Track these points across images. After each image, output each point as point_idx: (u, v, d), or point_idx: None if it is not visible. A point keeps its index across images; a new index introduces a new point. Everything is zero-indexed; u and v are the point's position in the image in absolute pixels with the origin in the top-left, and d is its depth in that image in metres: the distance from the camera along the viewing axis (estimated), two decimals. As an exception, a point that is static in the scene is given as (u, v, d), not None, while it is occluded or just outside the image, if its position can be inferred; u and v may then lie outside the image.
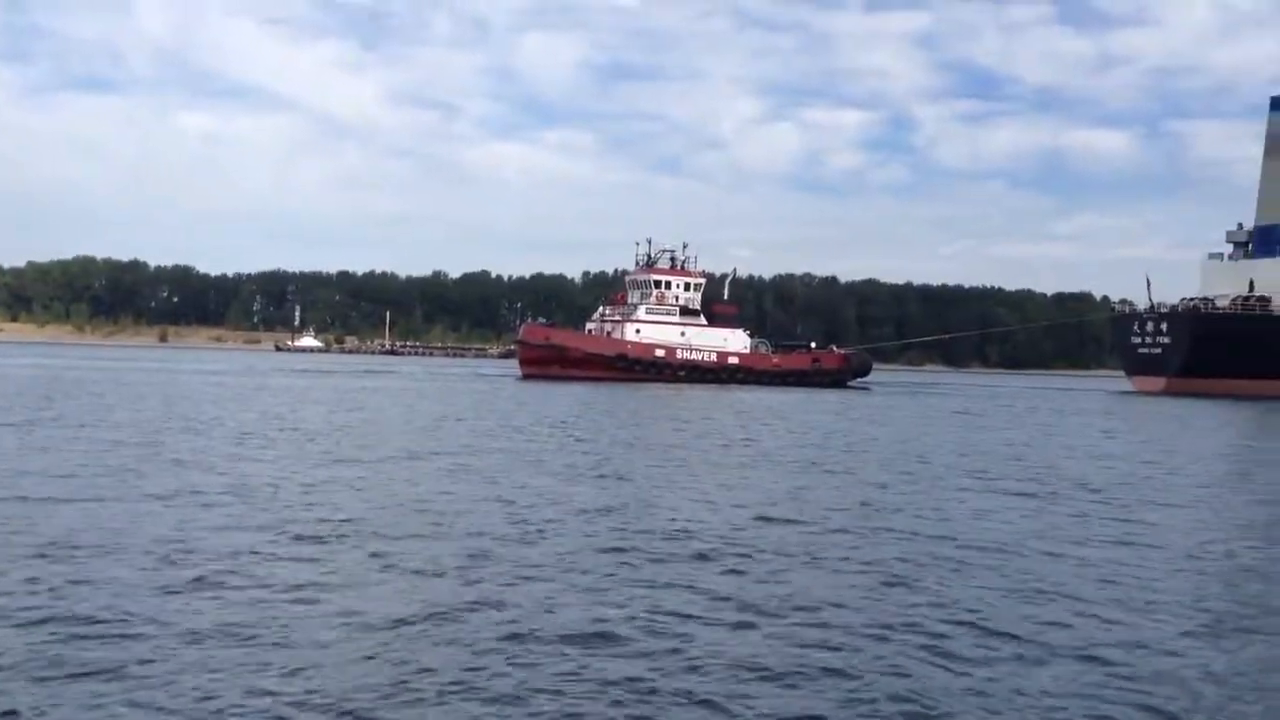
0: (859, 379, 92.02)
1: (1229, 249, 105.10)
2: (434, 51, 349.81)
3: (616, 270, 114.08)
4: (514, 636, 10.80)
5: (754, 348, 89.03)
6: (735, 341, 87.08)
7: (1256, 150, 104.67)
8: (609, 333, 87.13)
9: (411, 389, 65.25)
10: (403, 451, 27.48)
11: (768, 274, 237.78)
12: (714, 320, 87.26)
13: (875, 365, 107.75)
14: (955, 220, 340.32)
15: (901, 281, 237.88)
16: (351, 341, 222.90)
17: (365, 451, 27.13)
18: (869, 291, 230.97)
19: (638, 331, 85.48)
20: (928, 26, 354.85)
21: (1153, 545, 17.52)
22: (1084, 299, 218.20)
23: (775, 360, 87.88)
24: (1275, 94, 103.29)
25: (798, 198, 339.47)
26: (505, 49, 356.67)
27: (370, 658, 10.02)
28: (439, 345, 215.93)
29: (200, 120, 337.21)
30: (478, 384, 75.28)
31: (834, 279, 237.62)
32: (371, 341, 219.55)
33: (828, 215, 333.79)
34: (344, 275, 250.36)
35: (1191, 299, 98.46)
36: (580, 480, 23.01)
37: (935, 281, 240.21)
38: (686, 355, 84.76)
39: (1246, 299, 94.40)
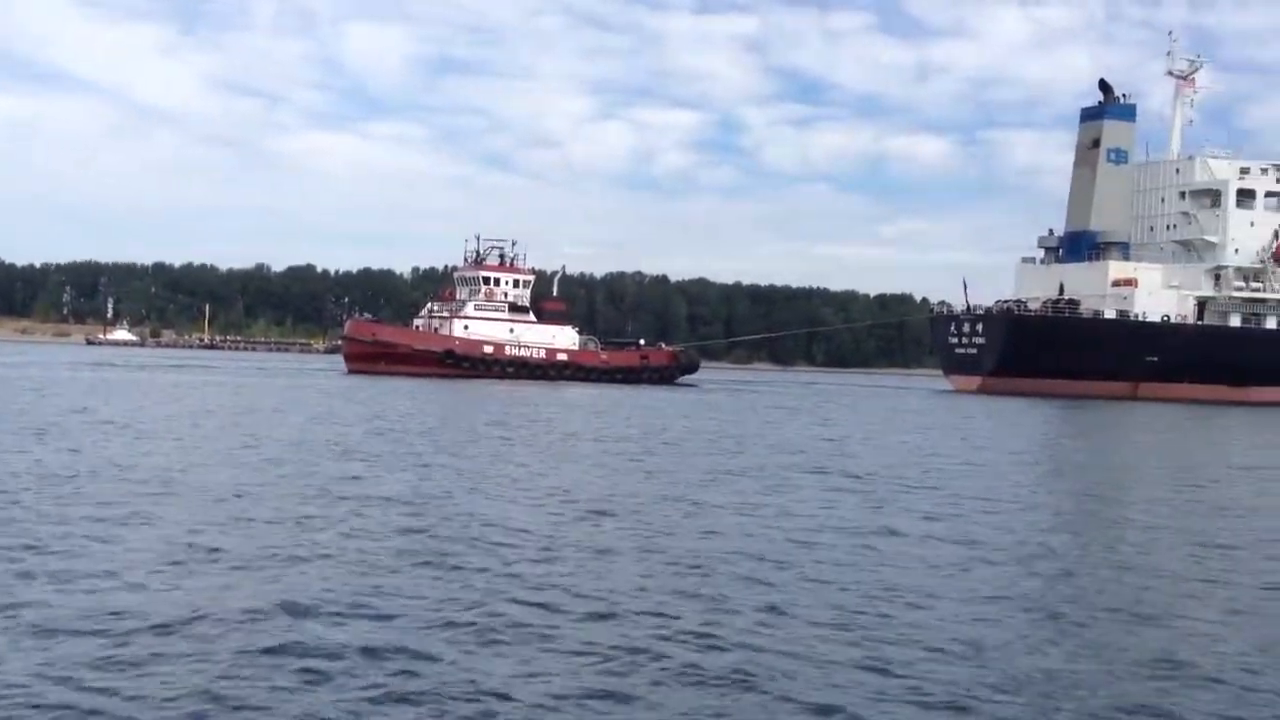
0: (687, 376, 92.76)
1: (1041, 254, 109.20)
2: (256, 38, 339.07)
3: (446, 266, 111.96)
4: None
5: (583, 345, 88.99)
6: (564, 339, 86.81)
7: (1067, 159, 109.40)
8: (437, 329, 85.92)
9: (227, 384, 62.81)
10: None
11: (599, 272, 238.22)
12: (543, 317, 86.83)
13: (704, 363, 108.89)
14: (783, 221, 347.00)
15: (731, 280, 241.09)
16: (168, 335, 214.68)
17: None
18: (699, 290, 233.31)
19: (466, 328, 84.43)
20: (755, 31, 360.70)
21: (948, 539, 17.71)
22: (905, 300, 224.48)
23: (604, 357, 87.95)
24: (1085, 106, 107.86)
25: (629, 196, 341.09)
26: (331, 38, 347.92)
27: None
28: (262, 340, 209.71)
29: (5, 104, 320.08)
30: (300, 379, 73.06)
31: (665, 277, 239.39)
32: (190, 335, 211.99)
33: (659, 214, 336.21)
34: (160, 266, 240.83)
35: (1005, 301, 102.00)
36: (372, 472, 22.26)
37: (764, 281, 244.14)
38: (515, 352, 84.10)
39: (1056, 301, 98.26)
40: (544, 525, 17.58)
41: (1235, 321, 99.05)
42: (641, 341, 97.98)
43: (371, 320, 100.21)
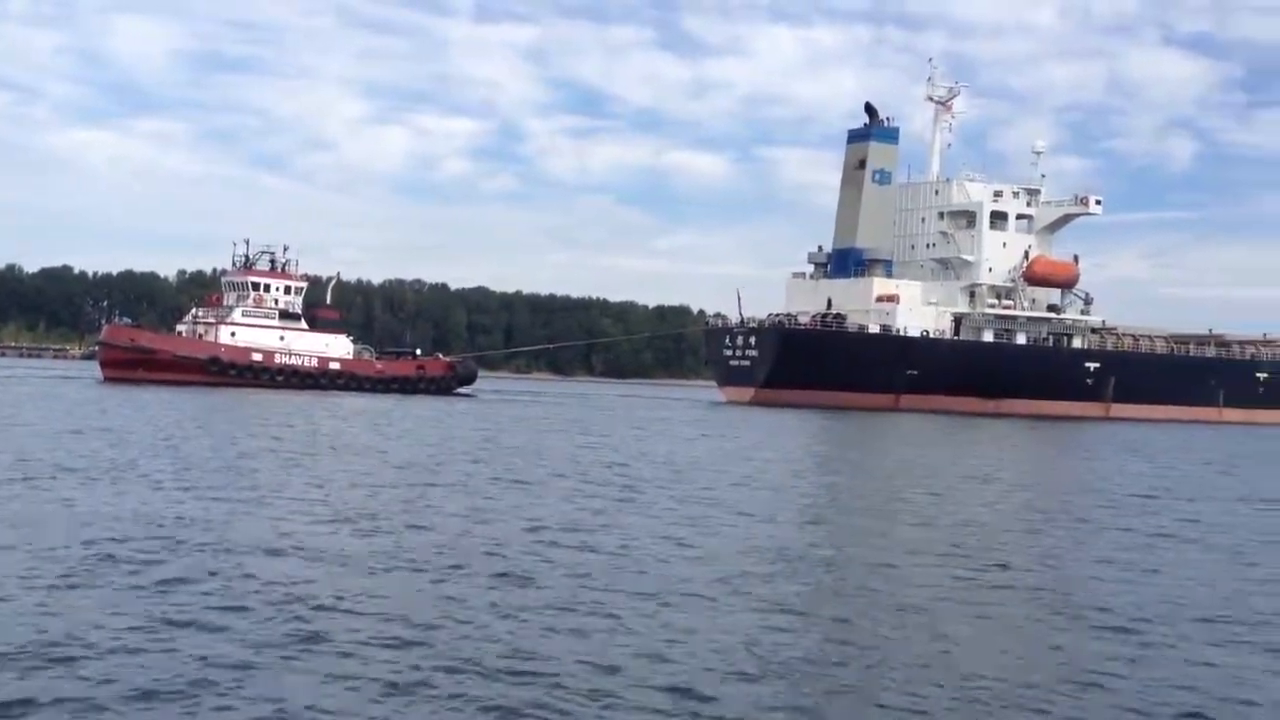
0: (465, 386, 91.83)
1: (810, 269, 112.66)
2: (8, 28, 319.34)
3: (215, 270, 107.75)
4: None
5: (357, 354, 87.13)
6: (337, 347, 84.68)
7: (836, 178, 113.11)
8: (201, 335, 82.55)
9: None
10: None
11: (377, 279, 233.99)
12: (316, 325, 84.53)
13: (483, 373, 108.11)
14: (564, 231, 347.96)
15: (511, 290, 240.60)
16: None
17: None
18: (479, 299, 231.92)
19: (233, 334, 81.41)
20: (535, 41, 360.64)
21: (687, 543, 18.00)
22: (683, 312, 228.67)
23: (379, 367, 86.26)
24: (852, 127, 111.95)
25: (408, 203, 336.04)
26: (92, 30, 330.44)
27: None
28: (12, 345, 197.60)
29: None
30: (47, 387, 68.84)
31: (445, 286, 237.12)
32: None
33: (439, 221, 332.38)
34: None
35: (777, 314, 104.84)
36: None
37: (544, 291, 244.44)
38: (285, 360, 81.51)
39: (825, 316, 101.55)
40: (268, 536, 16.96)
41: (988, 337, 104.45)
42: (418, 351, 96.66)
43: (131, 325, 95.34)
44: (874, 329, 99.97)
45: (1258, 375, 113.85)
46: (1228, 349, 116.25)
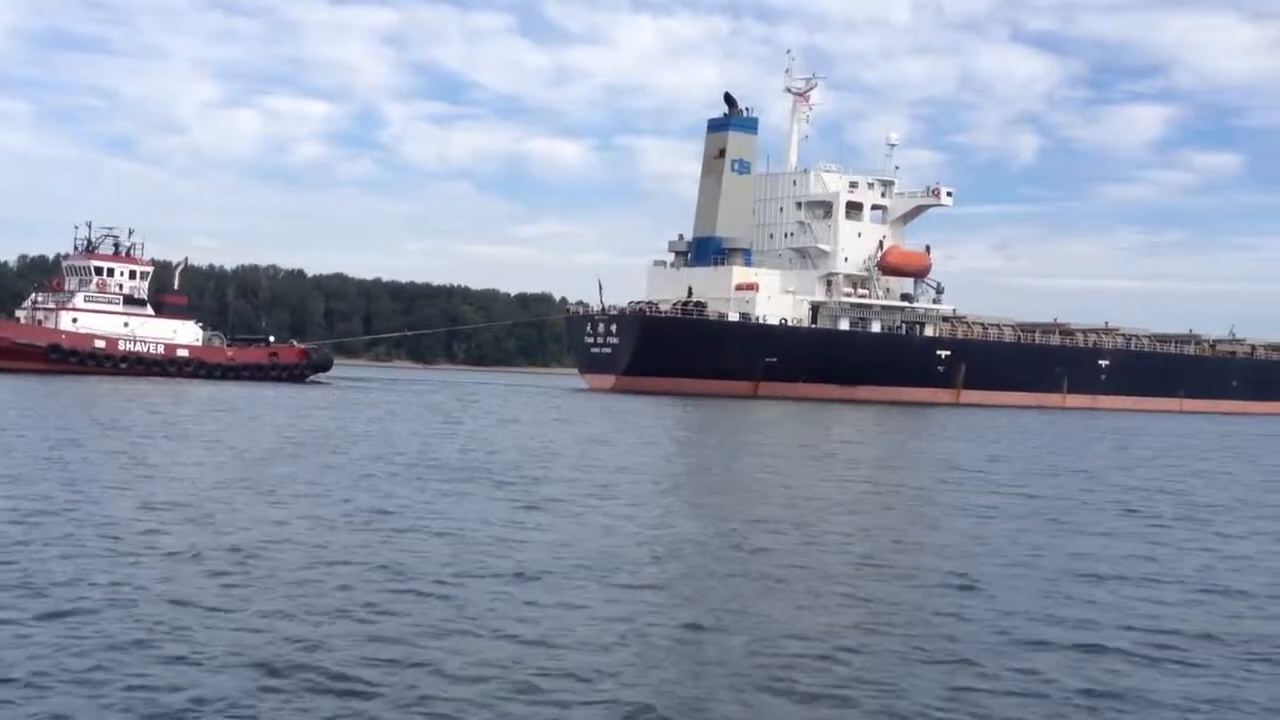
0: (320, 374, 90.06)
1: (671, 257, 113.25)
2: None
3: (57, 255, 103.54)
4: None
5: (207, 340, 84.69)
6: (185, 333, 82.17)
7: (695, 168, 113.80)
8: (41, 321, 79.37)
9: None
10: None
11: (230, 265, 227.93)
12: (163, 311, 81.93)
13: (342, 360, 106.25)
14: (424, 218, 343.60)
15: (371, 277, 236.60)
16: None
17: None
18: (337, 286, 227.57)
19: (75, 320, 78.44)
20: (395, 25, 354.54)
21: (536, 526, 17.85)
22: (545, 300, 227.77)
23: (230, 354, 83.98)
24: (712, 117, 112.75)
25: (263, 187, 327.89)
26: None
27: None
28: None
29: None
30: None
31: (301, 272, 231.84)
32: None
33: (295, 207, 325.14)
34: None
35: (638, 302, 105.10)
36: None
37: (404, 278, 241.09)
38: (130, 347, 78.80)
39: (685, 304, 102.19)
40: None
41: (844, 325, 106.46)
42: (271, 338, 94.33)
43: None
44: (733, 317, 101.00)
45: (1099, 363, 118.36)
46: (1071, 337, 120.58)
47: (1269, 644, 13.08)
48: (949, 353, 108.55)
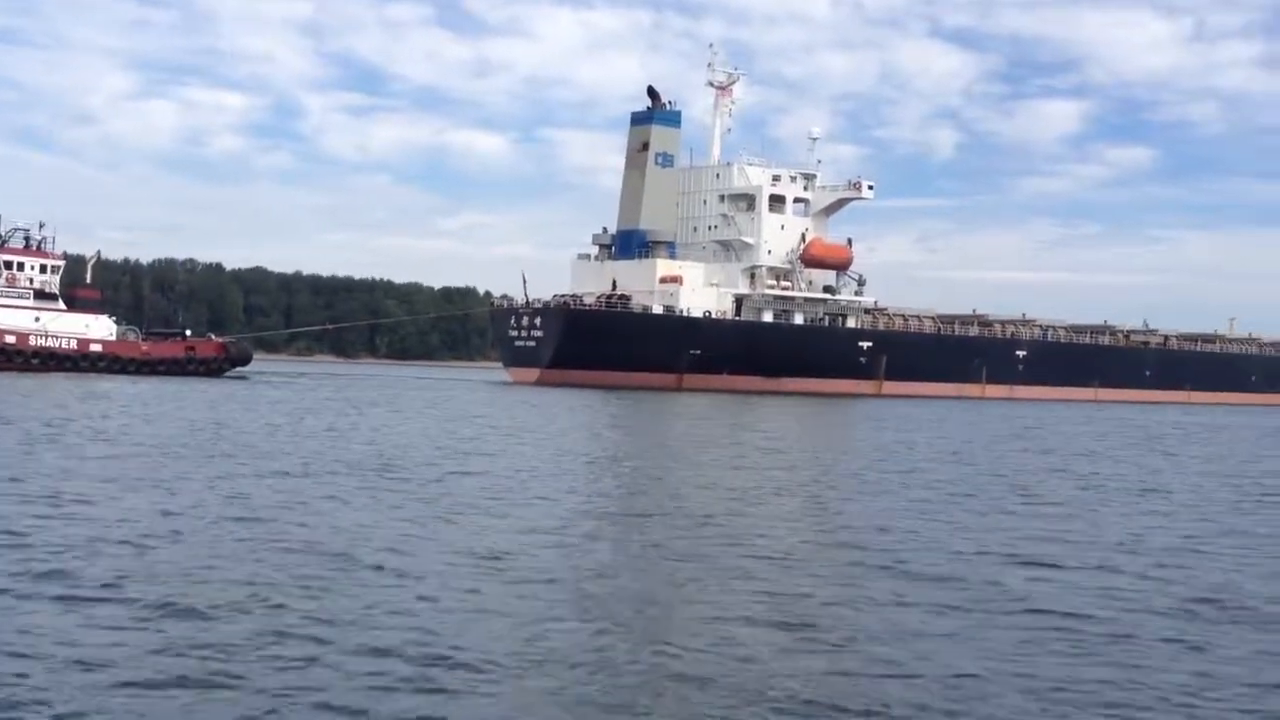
0: (239, 368, 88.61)
1: (595, 250, 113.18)
2: None
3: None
4: None
5: (121, 335, 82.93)
6: (98, 328, 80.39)
7: (619, 161, 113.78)
8: (-52, 316, 77.10)
9: None
10: None
11: (146, 258, 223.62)
12: (75, 305, 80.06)
13: (262, 355, 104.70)
14: (345, 210, 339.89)
15: (290, 270, 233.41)
16: None
17: None
18: (256, 279, 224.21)
19: (-17, 315, 76.31)
20: (312, 15, 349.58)
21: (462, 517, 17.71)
22: (469, 293, 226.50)
23: (145, 348, 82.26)
24: (635, 110, 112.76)
25: (178, 180, 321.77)
26: None
27: None
28: None
29: None
30: None
31: (219, 265, 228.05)
32: None
33: (212, 199, 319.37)
34: None
35: (562, 295, 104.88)
36: None
37: (325, 271, 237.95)
38: (41, 343, 76.95)
39: (609, 297, 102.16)
40: None
41: (768, 317, 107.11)
42: (188, 332, 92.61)
43: None
44: (658, 310, 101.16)
45: (1017, 353, 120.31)
46: (990, 329, 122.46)
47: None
48: (871, 344, 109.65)
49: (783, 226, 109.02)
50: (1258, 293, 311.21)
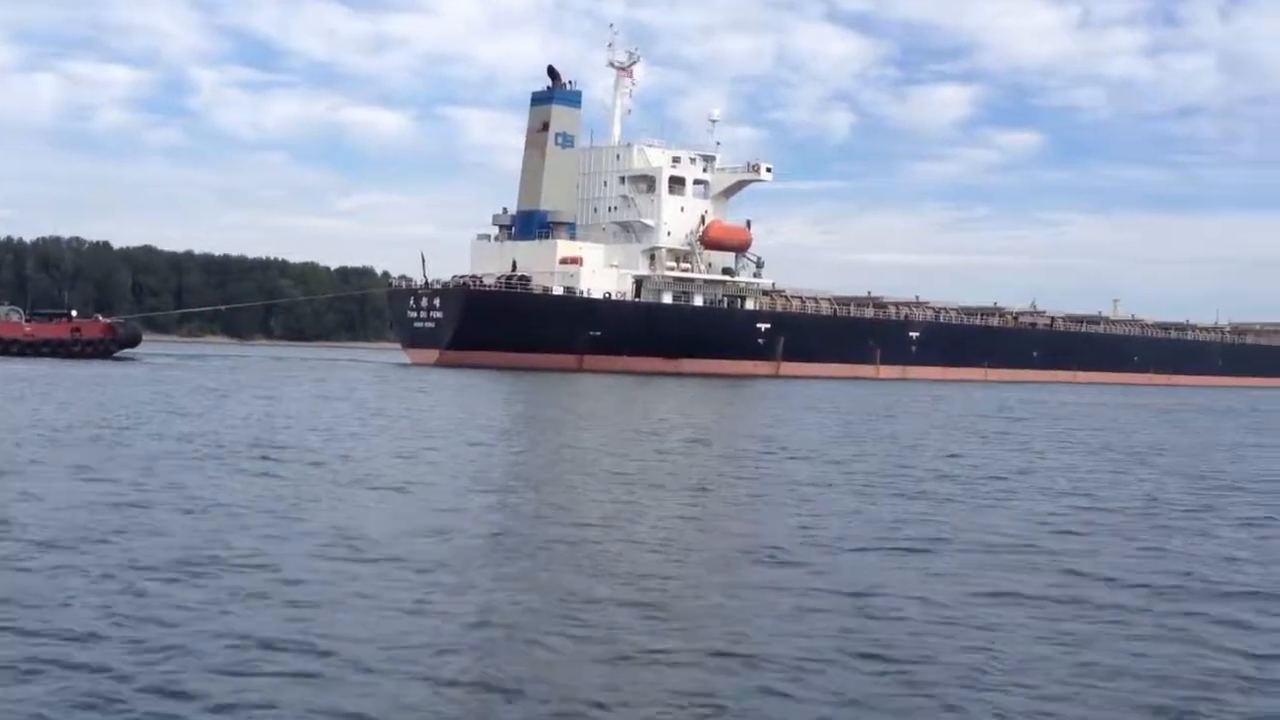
0: (127, 349, 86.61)
1: (495, 231, 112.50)
2: None
3: None
4: None
5: (4, 315, 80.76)
6: (-21, 309, 78.10)
7: (519, 141, 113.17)
8: None
9: None
10: None
11: (29, 236, 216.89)
12: (-47, 284, 77.64)
13: (152, 336, 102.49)
14: (238, 189, 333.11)
15: (181, 249, 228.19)
16: None
17: None
18: (146, 259, 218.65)
19: None
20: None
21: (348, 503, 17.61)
22: (367, 273, 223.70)
23: (28, 329, 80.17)
24: (535, 90, 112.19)
25: (63, 155, 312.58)
26: None
27: None
28: None
29: None
30: None
31: (107, 244, 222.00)
32: None
33: (98, 176, 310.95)
34: None
35: (462, 276, 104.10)
36: None
37: (217, 251, 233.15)
38: (-84, 323, 74.56)
39: (509, 278, 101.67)
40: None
41: (668, 299, 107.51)
42: (74, 313, 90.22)
43: None
44: (558, 291, 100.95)
45: (910, 334, 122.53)
46: (884, 310, 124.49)
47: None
48: (769, 326, 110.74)
49: (682, 208, 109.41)
50: (1141, 275, 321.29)
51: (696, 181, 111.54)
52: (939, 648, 11.31)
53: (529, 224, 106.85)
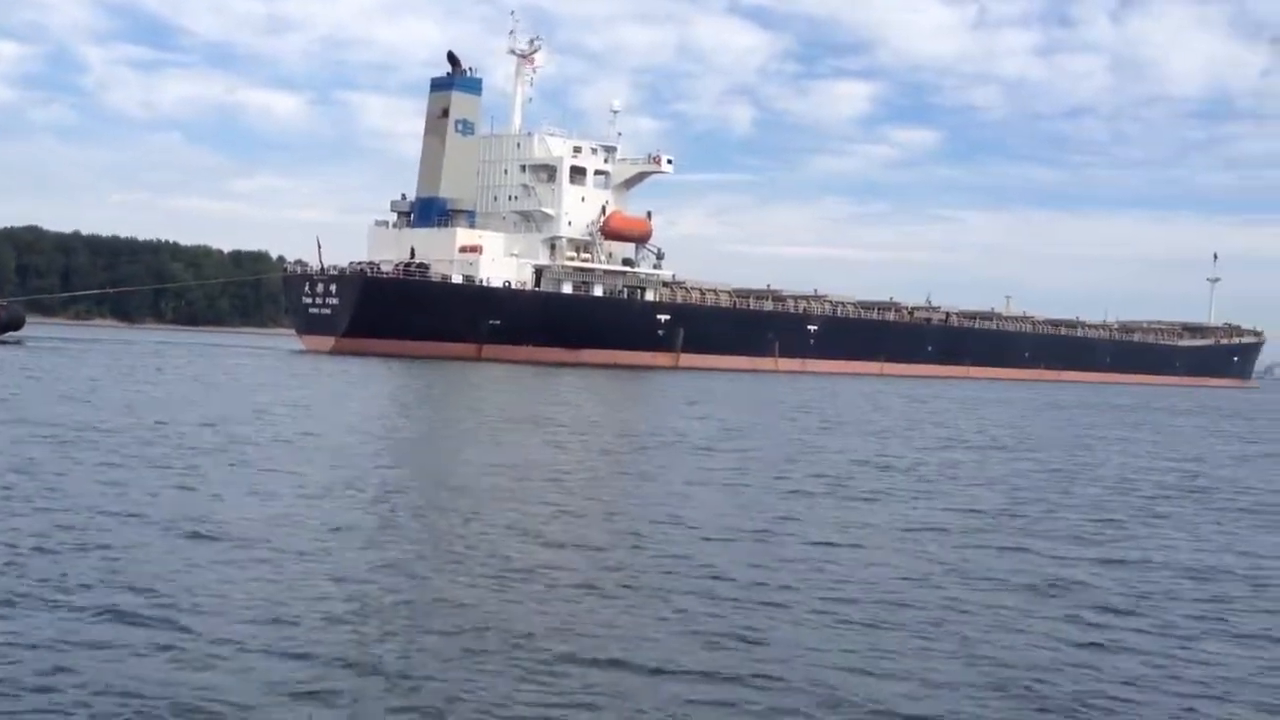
0: (10, 333, 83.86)
1: (394, 217, 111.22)
2: None
3: None
4: None
5: (-124, 297, 77.58)
6: None
7: (418, 127, 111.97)
8: None
9: None
10: None
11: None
12: None
13: (37, 318, 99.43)
14: (128, 169, 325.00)
15: (69, 230, 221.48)
16: None
17: None
18: (31, 239, 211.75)
19: None
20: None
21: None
22: (262, 258, 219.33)
23: (-96, 311, 77.21)
24: (435, 76, 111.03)
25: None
26: None
27: None
28: None
29: None
30: None
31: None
32: None
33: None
34: None
35: (359, 263, 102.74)
36: None
37: (106, 232, 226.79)
38: None
39: (408, 265, 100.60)
40: None
41: (568, 289, 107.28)
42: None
43: None
44: (457, 279, 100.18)
45: (809, 328, 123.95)
46: (783, 303, 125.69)
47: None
48: (669, 317, 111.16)
49: (583, 198, 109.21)
50: (1032, 271, 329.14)
51: (597, 172, 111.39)
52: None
53: (428, 211, 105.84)
